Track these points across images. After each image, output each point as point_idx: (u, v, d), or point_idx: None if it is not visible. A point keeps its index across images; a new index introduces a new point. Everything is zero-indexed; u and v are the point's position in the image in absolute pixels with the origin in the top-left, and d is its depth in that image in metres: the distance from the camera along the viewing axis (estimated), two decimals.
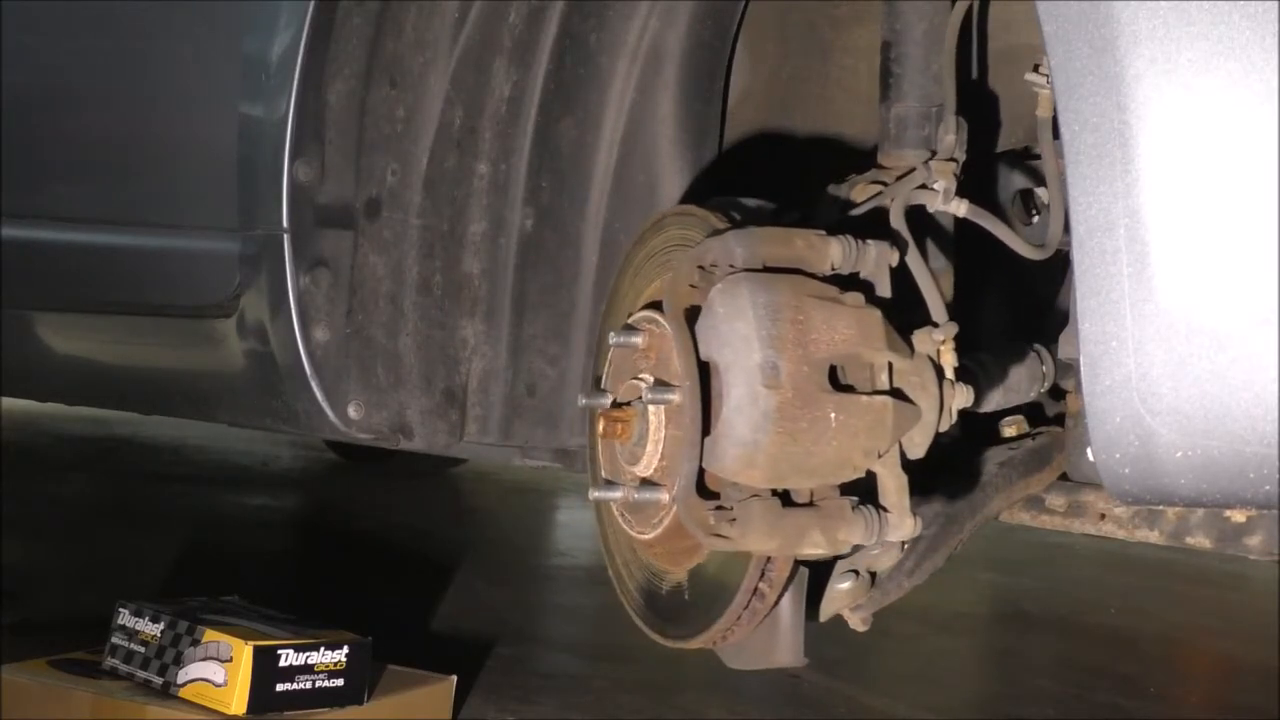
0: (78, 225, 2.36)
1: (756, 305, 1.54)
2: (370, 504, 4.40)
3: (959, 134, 1.85)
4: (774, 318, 1.54)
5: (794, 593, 1.70)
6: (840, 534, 1.57)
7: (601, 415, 1.74)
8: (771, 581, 1.66)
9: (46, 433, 5.11)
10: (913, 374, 1.60)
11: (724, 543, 1.58)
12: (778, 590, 1.67)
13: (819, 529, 1.57)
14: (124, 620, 2.15)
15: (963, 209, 1.82)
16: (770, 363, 1.52)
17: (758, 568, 1.65)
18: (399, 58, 1.97)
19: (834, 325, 1.56)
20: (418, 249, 2.01)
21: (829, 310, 1.56)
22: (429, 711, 2.23)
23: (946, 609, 3.42)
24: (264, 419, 2.11)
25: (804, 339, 1.54)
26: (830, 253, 1.61)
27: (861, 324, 1.57)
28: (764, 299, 1.55)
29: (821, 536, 1.57)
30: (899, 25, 1.89)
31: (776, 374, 1.52)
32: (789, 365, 1.53)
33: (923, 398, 1.59)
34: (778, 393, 1.52)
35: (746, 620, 1.68)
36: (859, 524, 1.57)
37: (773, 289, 1.56)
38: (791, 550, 1.58)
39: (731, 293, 1.56)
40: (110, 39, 2.33)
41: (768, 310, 1.54)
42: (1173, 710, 2.83)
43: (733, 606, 1.67)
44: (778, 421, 1.52)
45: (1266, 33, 1.29)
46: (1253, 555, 1.74)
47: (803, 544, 1.57)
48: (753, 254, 1.59)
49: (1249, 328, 1.31)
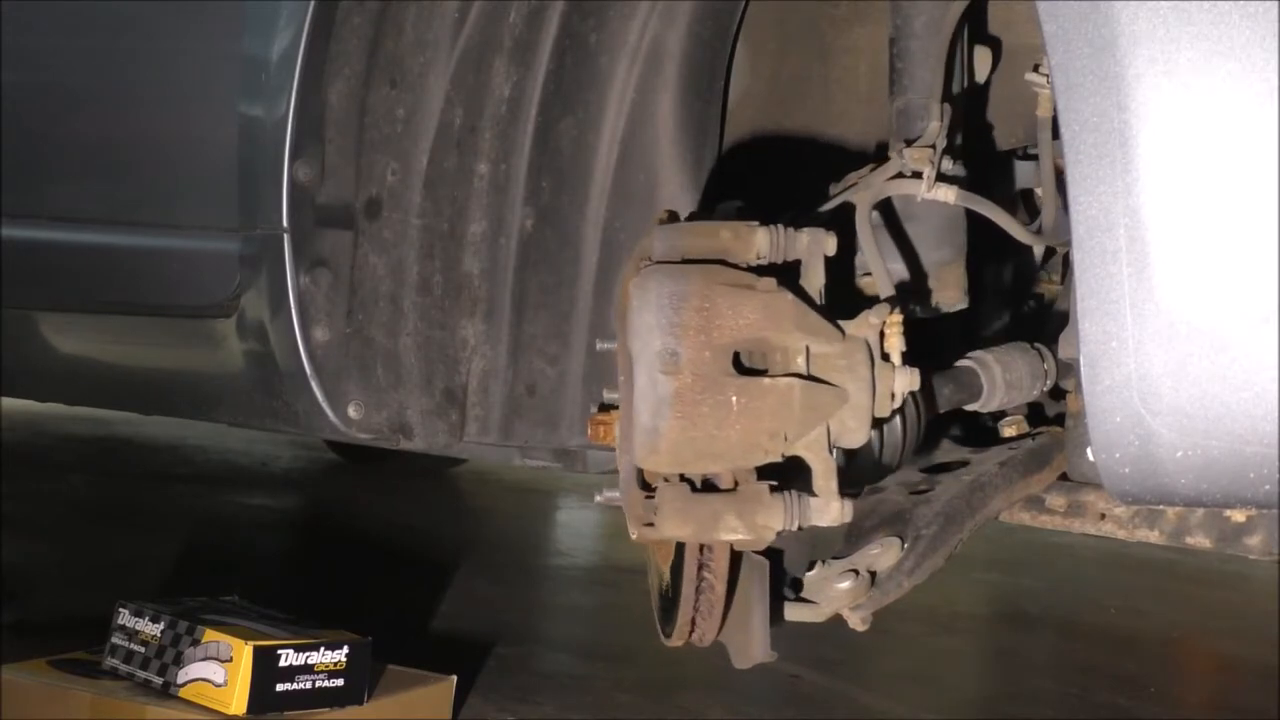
0: (78, 225, 2.36)
1: (661, 295, 1.56)
2: (370, 504, 4.40)
3: (942, 121, 1.86)
4: (677, 306, 1.55)
5: (757, 585, 1.69)
6: (758, 518, 1.56)
7: (589, 419, 1.75)
8: (715, 571, 1.65)
9: (46, 433, 5.11)
10: (839, 358, 1.59)
11: (651, 532, 1.59)
12: (723, 580, 1.65)
13: (734, 513, 1.56)
14: (124, 620, 2.15)
15: (951, 195, 1.83)
16: (669, 349, 1.54)
17: (694, 558, 1.65)
18: (399, 58, 1.97)
19: (740, 310, 1.56)
20: (418, 249, 2.01)
21: (737, 297, 1.57)
22: (429, 711, 2.23)
23: (946, 609, 3.42)
24: (264, 419, 2.11)
25: (707, 325, 1.55)
26: (756, 242, 1.62)
27: (769, 308, 1.57)
28: (669, 289, 1.57)
29: (738, 521, 1.56)
30: (901, 20, 1.90)
31: (675, 360, 1.54)
32: (689, 351, 1.54)
33: (850, 380, 1.58)
34: (676, 378, 1.53)
35: (705, 613, 1.67)
36: (777, 508, 1.56)
37: (680, 279, 1.57)
38: (707, 535, 1.58)
39: (641, 285, 1.59)
40: (110, 39, 2.33)
41: (671, 299, 1.56)
42: (1173, 710, 2.83)
43: (684, 599, 1.66)
44: (676, 406, 1.53)
45: (1266, 33, 1.29)
46: (1253, 555, 1.74)
47: (718, 529, 1.56)
48: (671, 247, 1.62)
49: (1249, 327, 1.31)
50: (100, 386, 2.57)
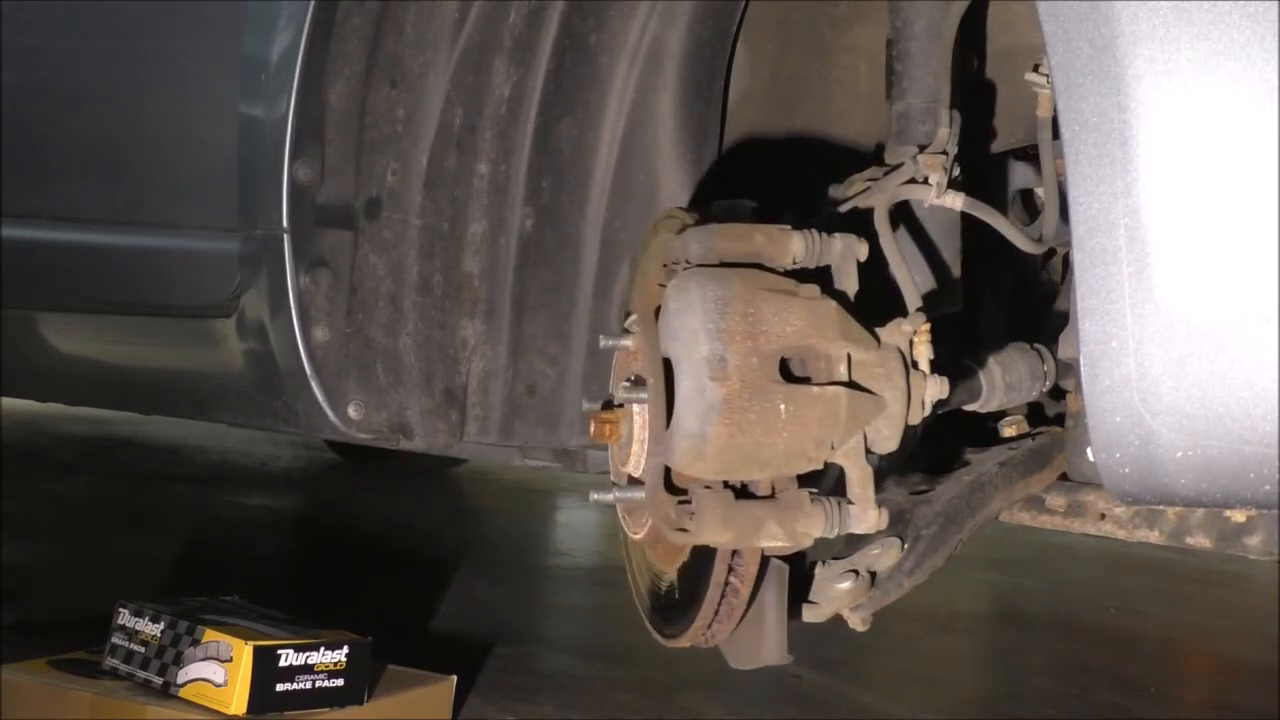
0: (78, 225, 2.36)
1: (705, 299, 1.55)
2: (370, 504, 4.40)
3: (952, 128, 1.86)
4: (723, 311, 1.54)
5: (775, 589, 1.69)
6: (798, 525, 1.57)
7: (592, 417, 1.75)
8: (742, 576, 1.65)
9: (46, 433, 5.11)
10: (877, 365, 1.59)
11: (685, 537, 1.59)
12: (749, 585, 1.66)
13: (775, 520, 1.56)
14: (124, 620, 2.15)
15: (959, 202, 1.83)
16: (717, 355, 1.53)
17: (724, 562, 1.65)
18: (399, 58, 1.97)
19: (785, 317, 1.56)
20: (418, 249, 2.01)
21: (781, 302, 1.56)
22: (429, 711, 2.23)
23: (946, 609, 3.42)
24: (264, 419, 2.11)
25: (754, 331, 1.55)
26: (791, 246, 1.61)
27: (814, 315, 1.57)
28: (713, 293, 1.56)
29: (779, 528, 1.56)
30: (901, 23, 1.90)
31: (724, 366, 1.53)
32: (737, 357, 1.53)
33: (887, 389, 1.59)
34: (724, 385, 1.53)
35: (725, 616, 1.67)
36: (818, 516, 1.57)
37: (723, 283, 1.57)
38: (747, 542, 1.58)
39: (682, 288, 1.57)
40: (110, 39, 2.33)
41: (716, 304, 1.55)
42: (1173, 710, 2.83)
43: (705, 602, 1.66)
44: (724, 413, 1.52)
45: (1266, 33, 1.29)
46: (1253, 555, 1.74)
47: (759, 535, 1.57)
48: (708, 250, 1.60)
49: (1249, 327, 1.31)
50: (100, 386, 2.57)
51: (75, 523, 3.81)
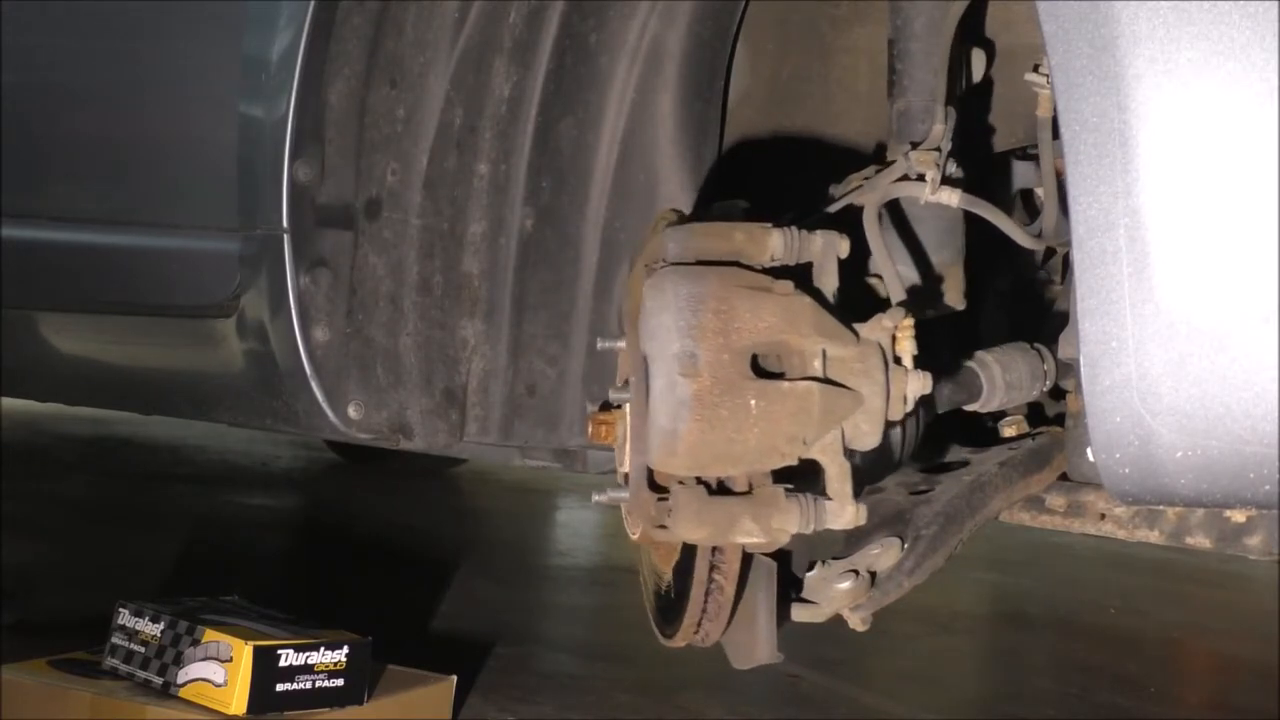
0: (78, 225, 2.36)
1: (679, 297, 1.56)
2: (370, 504, 4.40)
3: (946, 124, 1.86)
4: (695, 308, 1.55)
5: (764, 587, 1.69)
6: (774, 521, 1.56)
7: (589, 418, 1.75)
8: (725, 573, 1.65)
9: (46, 433, 5.10)
10: (855, 361, 1.59)
11: (664, 534, 1.59)
12: (733, 582, 1.66)
13: (750, 516, 1.56)
14: (124, 620, 2.15)
15: (955, 199, 1.83)
16: (688, 351, 1.53)
17: (704, 559, 1.65)
18: (399, 58, 1.97)
19: (759, 314, 1.56)
20: (418, 249, 2.01)
21: (755, 299, 1.57)
22: (429, 711, 2.23)
23: (946, 609, 3.42)
24: (264, 419, 2.12)
25: (725, 328, 1.55)
26: (770, 244, 1.61)
27: (788, 311, 1.57)
28: (686, 290, 1.56)
29: (754, 524, 1.56)
30: (901, 22, 1.90)
31: (694, 362, 1.53)
32: (708, 354, 1.53)
33: (865, 384, 1.58)
34: (695, 381, 1.53)
35: (713, 614, 1.68)
36: (793, 512, 1.57)
37: (697, 280, 1.57)
38: (723, 538, 1.58)
39: (658, 287, 1.58)
40: (110, 39, 2.33)
41: (689, 301, 1.55)
42: (1173, 710, 2.83)
43: (691, 600, 1.66)
44: (695, 409, 1.53)
45: (1266, 33, 1.29)
46: (1253, 555, 1.74)
47: (734, 531, 1.57)
48: (685, 248, 1.61)
49: (1249, 327, 1.31)
50: (100, 386, 2.57)
51: (75, 523, 3.81)
